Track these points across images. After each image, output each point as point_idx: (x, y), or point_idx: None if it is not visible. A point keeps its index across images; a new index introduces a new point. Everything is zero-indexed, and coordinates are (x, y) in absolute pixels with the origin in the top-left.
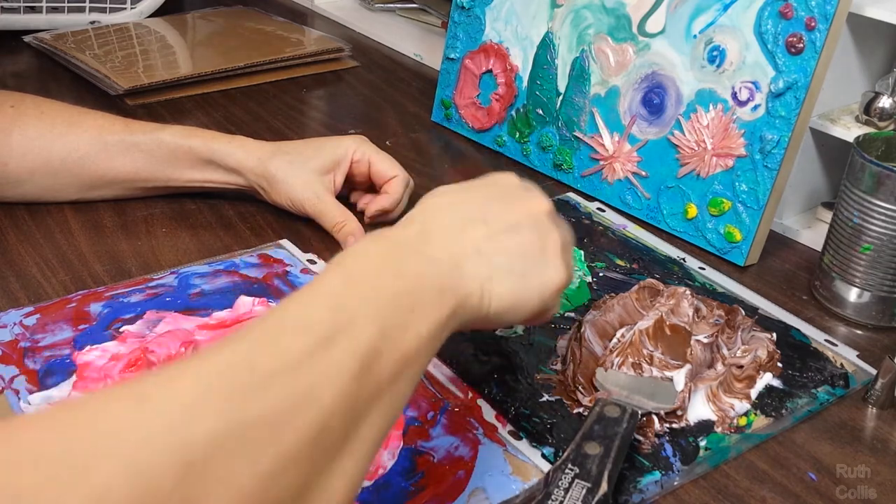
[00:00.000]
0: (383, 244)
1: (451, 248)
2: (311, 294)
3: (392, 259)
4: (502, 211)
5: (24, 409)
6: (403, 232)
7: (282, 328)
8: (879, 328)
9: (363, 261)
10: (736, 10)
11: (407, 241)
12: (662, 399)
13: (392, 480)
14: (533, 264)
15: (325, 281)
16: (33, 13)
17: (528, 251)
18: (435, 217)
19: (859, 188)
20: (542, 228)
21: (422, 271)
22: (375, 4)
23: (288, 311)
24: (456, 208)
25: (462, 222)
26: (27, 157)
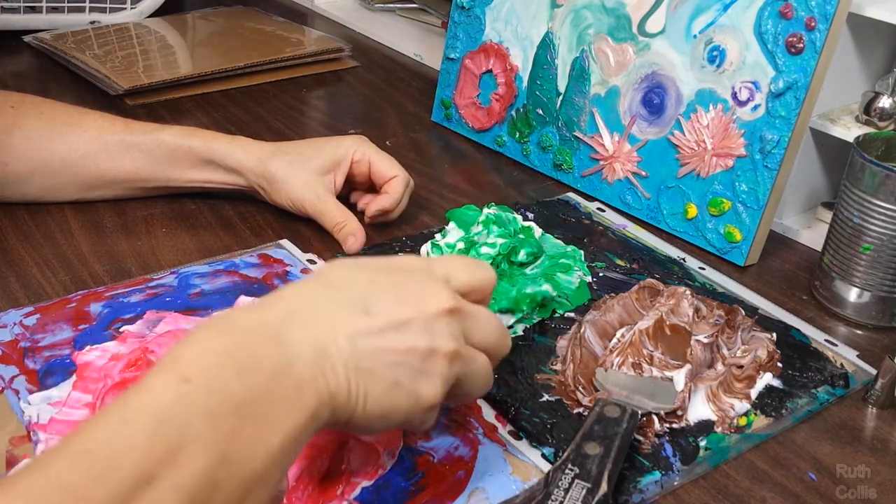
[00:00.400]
0: (232, 334)
1: (318, 336)
2: (131, 408)
3: (241, 355)
4: (393, 303)
5: (24, 409)
6: (260, 314)
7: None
8: (879, 328)
9: (205, 360)
10: (736, 10)
11: (263, 327)
12: (662, 399)
13: (392, 480)
14: (409, 374)
15: (154, 389)
16: (33, 13)
17: (409, 357)
18: (309, 297)
19: (859, 188)
20: (433, 332)
21: (279, 368)
22: (375, 4)
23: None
24: (338, 289)
25: (339, 307)
26: (27, 156)
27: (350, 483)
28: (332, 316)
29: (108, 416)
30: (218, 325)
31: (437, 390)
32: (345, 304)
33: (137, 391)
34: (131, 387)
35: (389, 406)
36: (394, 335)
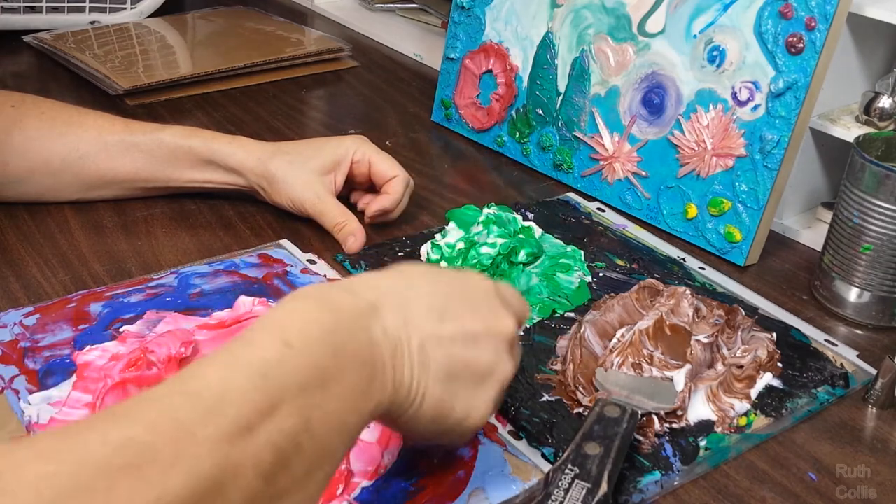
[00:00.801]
0: (330, 314)
1: (396, 332)
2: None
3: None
4: (466, 315)
5: (24, 409)
6: (354, 300)
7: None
8: (879, 328)
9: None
10: (736, 10)
11: (355, 313)
12: (662, 399)
13: (392, 480)
14: (466, 387)
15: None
16: (33, 13)
17: (472, 371)
18: (393, 292)
19: (859, 188)
20: (497, 353)
21: (361, 356)
22: (375, 4)
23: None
24: (418, 291)
25: (418, 307)
26: (27, 156)
27: (350, 483)
28: (410, 315)
29: (217, 362)
30: (318, 300)
31: (486, 409)
32: (423, 306)
33: (244, 344)
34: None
35: (442, 411)
36: (462, 345)
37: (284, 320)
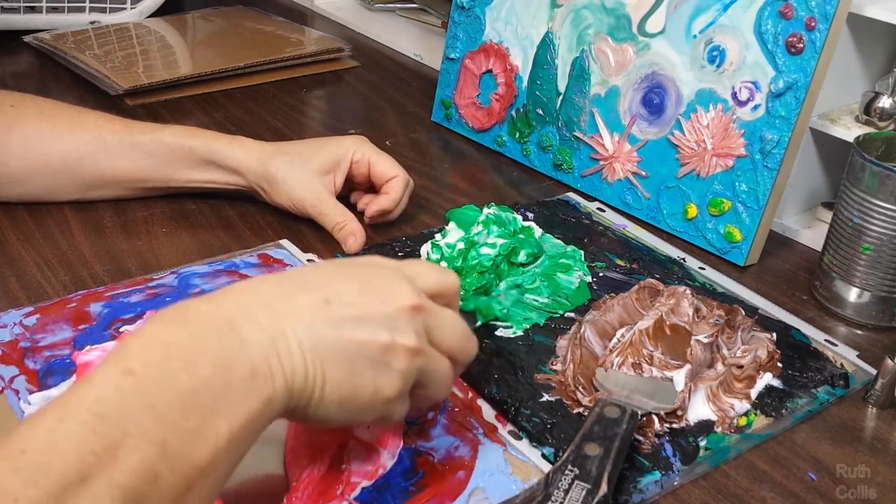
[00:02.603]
0: (182, 326)
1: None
2: (71, 404)
3: (190, 344)
4: (355, 295)
5: (25, 410)
6: (216, 305)
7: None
8: (879, 328)
9: (151, 351)
10: (736, 10)
11: (215, 317)
12: (662, 399)
13: (392, 480)
14: (368, 365)
15: (95, 384)
16: (33, 13)
17: (369, 348)
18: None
19: (859, 188)
20: (394, 326)
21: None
22: (375, 4)
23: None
24: (300, 280)
25: (298, 293)
26: (27, 156)
27: (350, 483)
28: (291, 304)
29: (48, 414)
30: (170, 317)
31: (396, 384)
32: (305, 295)
33: (80, 385)
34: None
35: (347, 394)
36: (353, 325)
37: (127, 348)
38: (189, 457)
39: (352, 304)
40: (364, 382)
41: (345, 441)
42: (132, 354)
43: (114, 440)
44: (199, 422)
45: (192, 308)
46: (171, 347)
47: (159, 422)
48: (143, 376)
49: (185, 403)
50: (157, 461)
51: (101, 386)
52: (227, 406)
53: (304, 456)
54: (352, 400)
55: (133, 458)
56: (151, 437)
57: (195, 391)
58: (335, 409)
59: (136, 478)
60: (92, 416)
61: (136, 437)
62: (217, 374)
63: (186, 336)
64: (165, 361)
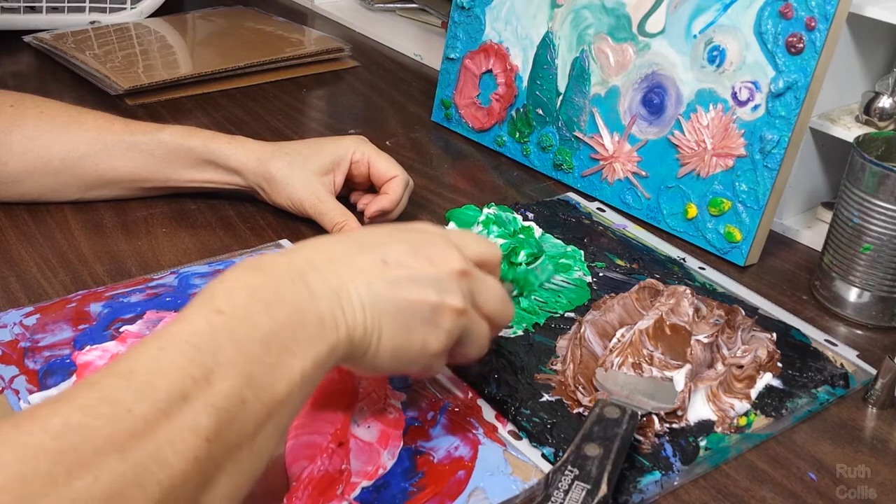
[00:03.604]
0: (262, 274)
1: (338, 279)
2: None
3: (269, 291)
4: (408, 256)
5: (25, 409)
6: (288, 258)
7: (124, 385)
8: (879, 328)
9: (236, 295)
10: (736, 10)
11: (288, 269)
12: (662, 399)
13: (392, 480)
14: (419, 323)
15: (190, 320)
16: (33, 13)
17: (420, 306)
18: (331, 247)
19: (859, 188)
20: (443, 288)
21: (302, 304)
22: (375, 4)
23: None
24: (359, 243)
25: (358, 252)
26: (27, 156)
27: (350, 483)
28: (352, 263)
29: (150, 342)
30: (249, 267)
31: (442, 339)
32: (365, 254)
33: (176, 322)
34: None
35: (400, 346)
36: (407, 285)
37: (215, 291)
38: (270, 388)
39: (406, 266)
40: (415, 337)
41: (345, 441)
42: (219, 297)
43: (208, 368)
44: (278, 359)
45: (267, 260)
46: (253, 292)
47: (245, 355)
48: (231, 316)
49: (266, 341)
50: (244, 389)
51: (195, 322)
52: (301, 348)
53: (304, 456)
54: (403, 352)
55: (224, 384)
56: (239, 368)
57: (274, 332)
58: (388, 359)
59: (227, 401)
60: (189, 347)
61: (226, 367)
62: (292, 319)
63: (265, 283)
64: (249, 304)
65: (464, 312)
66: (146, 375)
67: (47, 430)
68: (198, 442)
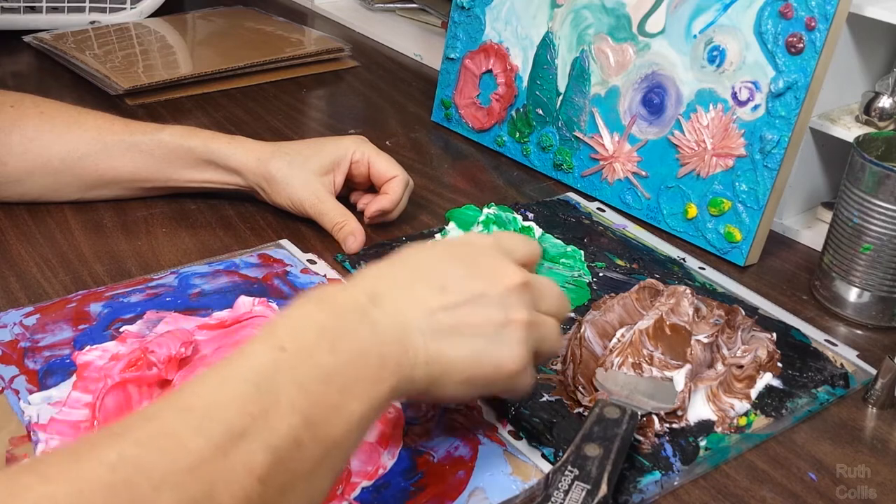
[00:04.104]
0: (324, 312)
1: (400, 314)
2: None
3: (331, 330)
4: (466, 278)
5: (24, 409)
6: (351, 293)
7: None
8: (879, 328)
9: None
10: (736, 10)
11: (353, 305)
12: (662, 399)
13: (392, 480)
14: (488, 343)
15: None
16: (33, 13)
17: (486, 328)
18: (389, 276)
19: (859, 188)
20: (507, 304)
21: (363, 343)
22: (375, 4)
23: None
24: (415, 269)
25: (418, 285)
26: (27, 156)
27: (350, 483)
28: (412, 295)
29: (211, 376)
30: (315, 301)
31: (517, 355)
32: (423, 283)
33: (238, 356)
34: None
35: (470, 374)
36: (469, 309)
37: (279, 326)
38: (327, 429)
39: (465, 290)
40: (485, 361)
41: None
42: (283, 333)
43: (266, 406)
44: (338, 399)
45: (331, 295)
46: (318, 330)
47: (305, 395)
48: (293, 354)
49: (327, 381)
50: (301, 429)
51: (257, 358)
52: (361, 389)
53: None
54: (475, 378)
55: (283, 423)
56: (298, 408)
57: (336, 372)
58: (461, 388)
59: (284, 441)
60: (249, 385)
61: (285, 406)
62: (354, 360)
63: (330, 320)
64: (314, 342)
65: (532, 323)
66: (204, 410)
67: (103, 463)
68: (251, 481)
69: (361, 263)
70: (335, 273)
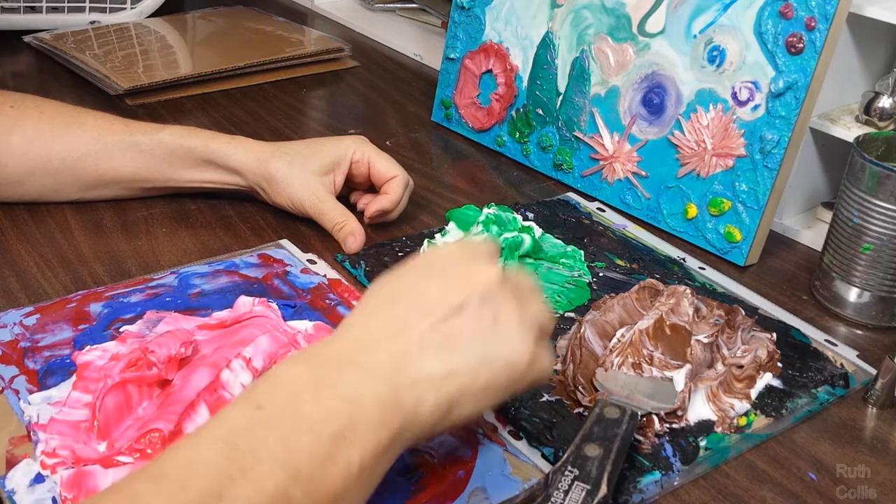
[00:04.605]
0: (307, 363)
1: (393, 350)
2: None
3: (316, 380)
4: (443, 292)
5: (24, 409)
6: (335, 344)
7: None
8: (879, 328)
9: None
10: (736, 10)
11: (339, 354)
12: (662, 399)
13: (392, 480)
14: (490, 345)
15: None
16: (33, 13)
17: (481, 332)
18: (372, 318)
19: (859, 188)
20: (492, 301)
21: (355, 389)
22: (375, 4)
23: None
24: (395, 301)
25: (403, 316)
26: (27, 157)
27: None
28: (396, 330)
29: (185, 443)
30: (293, 359)
31: (524, 345)
32: (404, 315)
33: (214, 420)
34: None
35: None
36: (457, 320)
37: (255, 387)
38: (322, 483)
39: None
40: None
41: None
42: (260, 392)
43: (247, 465)
44: (330, 449)
45: (312, 350)
46: (296, 382)
47: (290, 449)
48: (272, 408)
49: (314, 432)
50: (291, 485)
51: (232, 420)
52: (358, 436)
53: None
54: (492, 384)
55: (267, 482)
56: (283, 463)
57: (324, 420)
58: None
59: (271, 500)
60: (226, 445)
61: (269, 463)
62: (343, 405)
63: (310, 371)
64: (292, 395)
65: (522, 308)
66: (178, 477)
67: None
68: None
69: (361, 263)
70: (335, 273)
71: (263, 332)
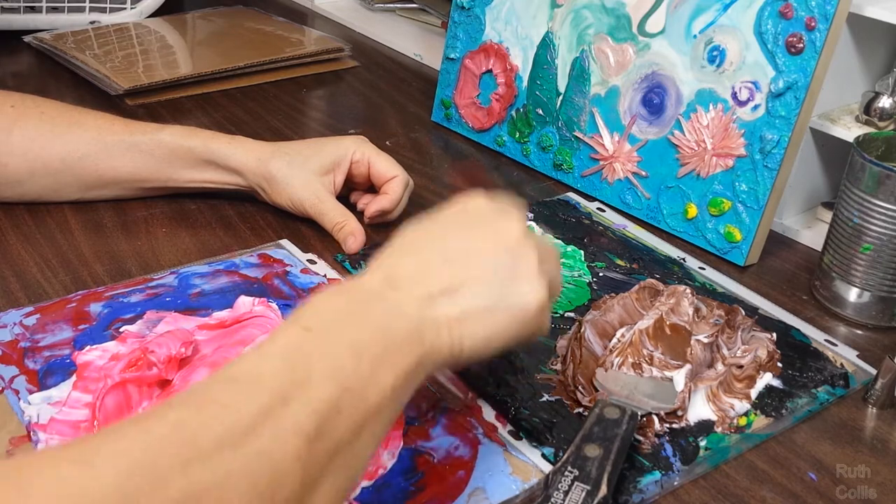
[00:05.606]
0: (345, 295)
1: (417, 292)
2: (265, 351)
3: (354, 310)
4: (468, 241)
5: (24, 409)
6: (368, 279)
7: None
8: (879, 328)
9: (323, 314)
10: (736, 10)
11: (371, 289)
12: (662, 399)
13: (392, 480)
14: (505, 291)
15: (281, 336)
16: (33, 13)
17: (498, 279)
18: (401, 260)
19: (859, 188)
20: (513, 252)
21: (387, 321)
22: (375, 4)
23: (240, 368)
24: (421, 247)
25: (427, 262)
26: (27, 157)
27: None
28: (420, 271)
29: (247, 356)
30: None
31: (537, 289)
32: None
33: (267, 341)
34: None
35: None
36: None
37: (303, 311)
38: (363, 399)
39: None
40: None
41: None
42: (306, 317)
43: (303, 377)
44: (370, 370)
45: (346, 286)
46: (338, 312)
47: (338, 367)
48: (319, 332)
49: (357, 353)
50: (339, 398)
51: (287, 339)
52: (391, 360)
53: None
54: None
55: (322, 392)
56: (333, 378)
57: (364, 346)
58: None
59: (324, 406)
60: (283, 360)
61: (321, 377)
62: (378, 336)
63: (348, 302)
64: (336, 320)
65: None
66: (248, 382)
67: (166, 423)
68: (299, 443)
69: (361, 263)
70: (335, 273)
71: (263, 332)
